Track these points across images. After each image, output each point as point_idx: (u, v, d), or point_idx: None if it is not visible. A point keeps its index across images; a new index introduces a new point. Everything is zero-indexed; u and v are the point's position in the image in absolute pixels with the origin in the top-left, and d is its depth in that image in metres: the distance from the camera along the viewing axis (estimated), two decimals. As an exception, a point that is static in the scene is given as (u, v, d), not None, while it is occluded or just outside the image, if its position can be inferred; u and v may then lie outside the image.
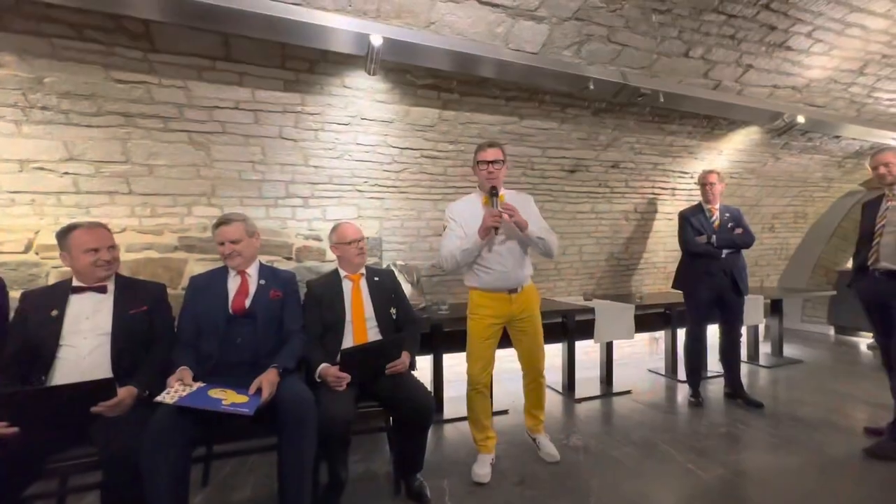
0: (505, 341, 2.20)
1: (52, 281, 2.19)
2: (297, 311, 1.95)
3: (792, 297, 4.76)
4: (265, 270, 1.96)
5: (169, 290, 2.34)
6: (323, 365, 1.82)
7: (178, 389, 1.55)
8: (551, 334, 3.16)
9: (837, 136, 3.44)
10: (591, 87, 2.31)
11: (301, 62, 2.06)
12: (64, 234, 1.68)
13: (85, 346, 1.61)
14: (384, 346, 1.87)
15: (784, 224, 4.56)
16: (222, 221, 1.88)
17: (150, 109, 2.08)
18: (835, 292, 4.49)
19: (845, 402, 2.96)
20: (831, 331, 4.93)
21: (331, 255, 2.59)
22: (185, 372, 1.62)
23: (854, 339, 4.73)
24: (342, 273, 2.10)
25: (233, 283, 1.88)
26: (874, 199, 2.45)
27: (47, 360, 1.57)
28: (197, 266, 2.43)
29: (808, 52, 2.53)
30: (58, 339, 1.59)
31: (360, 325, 1.99)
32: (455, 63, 2.07)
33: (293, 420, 1.59)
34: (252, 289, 1.88)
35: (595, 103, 2.70)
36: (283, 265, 2.62)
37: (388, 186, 2.77)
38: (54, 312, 1.62)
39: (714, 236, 2.87)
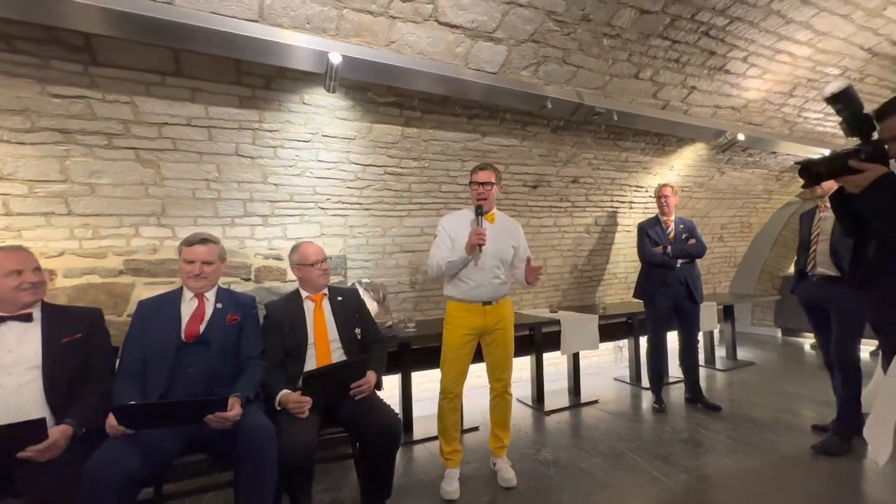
0: (478, 356, 2.23)
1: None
2: (256, 337, 1.89)
3: (742, 303, 5.04)
4: (223, 293, 1.90)
5: (114, 318, 2.22)
6: (283, 392, 1.76)
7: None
8: (519, 347, 3.16)
9: (774, 152, 3.72)
10: (549, 105, 2.39)
11: (257, 78, 2.02)
12: (-20, 261, 1.53)
13: (10, 382, 1.47)
14: (348, 367, 1.84)
15: (732, 234, 4.84)
16: (198, 240, 1.81)
17: (93, 126, 1.97)
18: (779, 297, 4.81)
19: (794, 401, 3.13)
20: (779, 333, 5.25)
21: (292, 276, 2.52)
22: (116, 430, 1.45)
23: (799, 339, 5.05)
24: (303, 294, 2.06)
25: (187, 307, 1.80)
26: (809, 210, 2.66)
27: (-34, 401, 1.42)
28: (145, 291, 2.30)
29: (745, 76, 2.73)
30: (-23, 378, 1.45)
31: (324, 347, 1.94)
32: (416, 82, 2.09)
33: (251, 452, 1.52)
34: (208, 313, 1.81)
35: (554, 121, 2.78)
36: (242, 287, 2.55)
37: (352, 203, 2.74)
38: (-30, 348, 1.47)
39: (670, 247, 3.01)
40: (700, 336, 3.43)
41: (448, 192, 2.94)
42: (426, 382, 3.23)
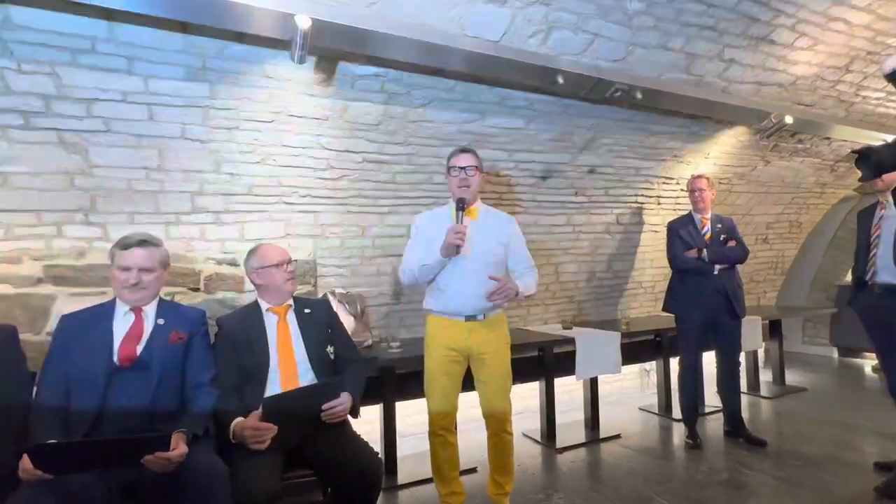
0: (470, 383, 2.22)
1: None
2: (207, 359, 1.89)
3: (792, 317, 5.10)
4: (165, 307, 1.89)
5: (30, 337, 2.19)
6: (237, 420, 1.75)
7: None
8: (526, 371, 3.19)
9: (827, 138, 3.78)
10: (561, 81, 2.41)
11: (209, 46, 2.01)
12: None
13: None
14: (319, 392, 1.84)
15: (778, 234, 4.91)
16: (135, 242, 1.79)
17: (6, 102, 1.95)
18: (835, 310, 4.86)
19: (852, 434, 3.17)
20: (835, 353, 5.31)
21: (250, 285, 2.51)
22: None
23: (859, 361, 5.11)
24: (264, 306, 2.06)
25: (121, 324, 1.79)
26: (869, 207, 2.69)
27: None
28: (69, 303, 2.26)
29: (793, 47, 2.77)
30: None
31: (290, 369, 1.94)
32: (401, 51, 2.09)
33: (199, 500, 1.49)
34: (147, 330, 1.80)
35: (567, 99, 2.80)
36: (189, 299, 2.53)
37: (324, 197, 2.74)
38: None
39: (705, 250, 3.04)
40: (742, 357, 3.45)
41: (440, 183, 2.96)
42: (414, 414, 3.23)
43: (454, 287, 2.09)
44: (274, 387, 1.90)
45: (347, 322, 2.68)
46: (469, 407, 2.61)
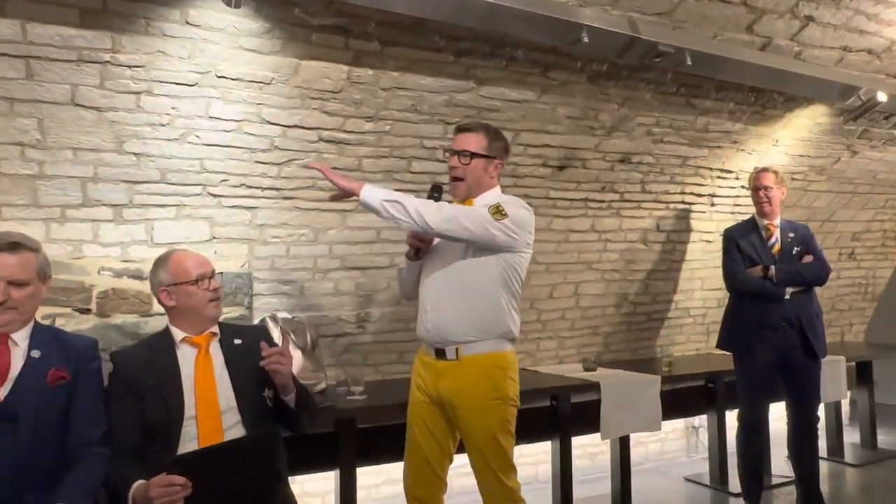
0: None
1: None
2: (98, 407, 1.87)
3: (887, 358, 5.13)
4: (43, 335, 1.85)
5: None
6: (138, 483, 1.71)
7: None
8: (534, 427, 3.17)
9: (934, 122, 3.87)
10: (586, 39, 2.43)
11: (113, -20, 2.03)
12: None
13: None
14: (249, 449, 1.84)
15: (869, 248, 4.97)
16: (3, 245, 1.75)
17: None
18: (945, 350, 4.91)
19: (966, 515, 3.20)
20: (943, 406, 5.39)
21: (160, 307, 2.49)
22: None
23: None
24: (178, 335, 2.03)
25: (-21, 357, 1.76)
26: None
27: None
28: None
29: (888, 2, 2.84)
30: None
31: (212, 421, 1.91)
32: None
33: None
34: (16, 366, 1.76)
35: (592, 65, 2.80)
36: (76, 324, 2.49)
37: (264, 188, 2.73)
38: None
39: (773, 267, 3.06)
40: (821, 410, 3.48)
41: (422, 172, 2.96)
42: (384, 484, 3.20)
43: (422, 302, 2.14)
44: (190, 444, 1.87)
45: (293, 358, 2.50)
46: (463, 475, 2.59)
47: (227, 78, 2.37)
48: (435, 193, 2.09)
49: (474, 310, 2.07)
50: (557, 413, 3.21)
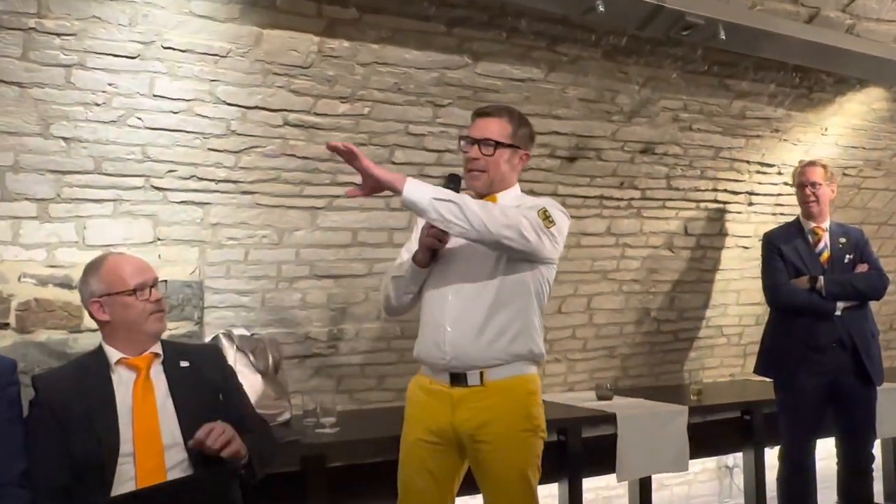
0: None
1: None
2: (16, 441, 1.85)
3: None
4: (-50, 354, 1.84)
5: None
6: None
7: None
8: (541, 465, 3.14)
9: None
10: (601, 8, 2.41)
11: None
12: None
13: None
14: (196, 489, 1.85)
15: (932, 257, 4.99)
16: None
17: None
18: None
19: None
20: None
21: (92, 322, 2.47)
22: None
23: None
24: (113, 355, 2.00)
25: None
26: None
27: None
28: None
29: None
30: None
31: (152, 458, 1.89)
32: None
33: None
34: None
35: (609, 38, 2.80)
36: (-10, 341, 2.49)
37: (219, 181, 2.71)
38: None
39: (822, 278, 3.04)
40: (877, 447, 3.46)
41: (407, 162, 2.95)
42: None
43: (435, 318, 2.11)
44: (125, 486, 1.84)
45: (252, 383, 2.62)
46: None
47: (174, 49, 2.35)
48: (451, 185, 2.04)
49: (506, 328, 2.07)
50: (566, 450, 3.17)
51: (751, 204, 3.92)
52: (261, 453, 2.05)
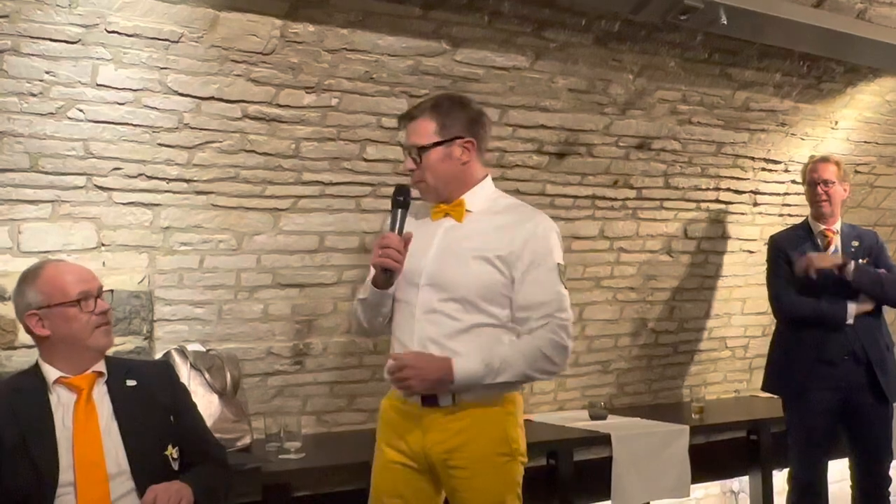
0: None
1: None
2: None
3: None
4: None
5: None
6: None
7: None
8: (526, 492, 3.10)
9: None
10: (593, -11, 2.43)
11: None
12: None
13: None
14: None
15: (950, 262, 5.06)
16: None
17: None
18: None
19: None
20: None
21: (28, 338, 2.44)
22: None
23: None
24: (51, 374, 1.97)
25: None
26: None
27: None
28: None
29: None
30: None
31: (95, 487, 1.87)
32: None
33: None
34: None
35: (601, 23, 2.80)
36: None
37: (170, 179, 2.70)
38: None
39: (853, 262, 3.03)
40: (894, 469, 3.50)
41: (379, 159, 2.95)
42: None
43: (404, 337, 2.11)
44: (65, 516, 1.82)
45: (207, 403, 2.61)
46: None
47: (120, 34, 2.33)
48: (399, 197, 2.01)
49: (483, 347, 2.05)
50: (557, 475, 3.19)
51: (756, 204, 3.94)
52: (212, 490, 2.02)
